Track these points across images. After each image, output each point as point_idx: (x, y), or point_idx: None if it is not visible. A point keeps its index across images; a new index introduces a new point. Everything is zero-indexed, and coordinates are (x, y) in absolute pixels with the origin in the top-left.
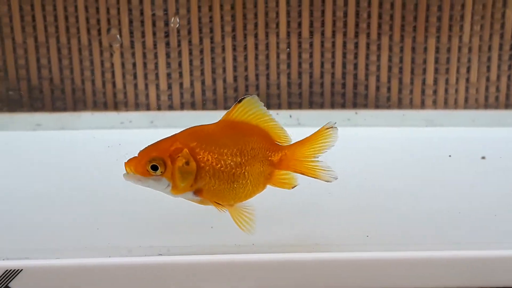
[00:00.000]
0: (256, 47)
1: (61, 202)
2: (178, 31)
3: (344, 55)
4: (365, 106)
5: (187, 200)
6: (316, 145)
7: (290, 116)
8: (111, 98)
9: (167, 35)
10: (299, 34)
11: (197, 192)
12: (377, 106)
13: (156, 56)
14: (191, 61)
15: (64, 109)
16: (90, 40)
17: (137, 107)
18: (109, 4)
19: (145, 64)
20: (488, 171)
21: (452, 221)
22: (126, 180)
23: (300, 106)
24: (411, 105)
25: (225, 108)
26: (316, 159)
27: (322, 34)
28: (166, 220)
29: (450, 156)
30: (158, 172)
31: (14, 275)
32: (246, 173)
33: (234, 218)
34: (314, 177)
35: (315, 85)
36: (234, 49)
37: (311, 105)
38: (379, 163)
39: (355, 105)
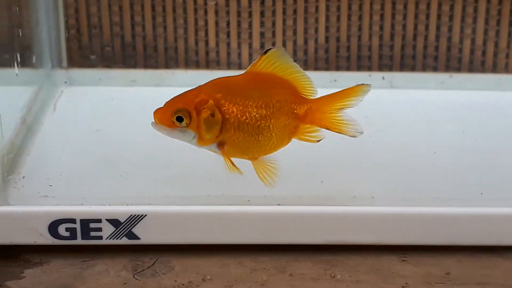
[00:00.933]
0: (349, 7)
1: (170, 155)
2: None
3: (439, 17)
4: (458, 69)
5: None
6: (343, 100)
7: (383, 78)
8: (203, 57)
9: None
10: None
11: (221, 144)
12: (471, 70)
13: (250, 15)
14: (284, 21)
15: (156, 66)
16: None
17: (229, 66)
18: None
19: (239, 23)
20: None
21: None
22: (155, 129)
23: (390, 69)
24: (507, 70)
25: (315, 69)
26: (341, 114)
27: None
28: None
29: None
30: (183, 123)
31: (138, 220)
32: (271, 126)
33: (258, 171)
34: (339, 132)
35: (407, 47)
36: (327, 9)
37: (403, 68)
38: (474, 126)
39: (447, 69)
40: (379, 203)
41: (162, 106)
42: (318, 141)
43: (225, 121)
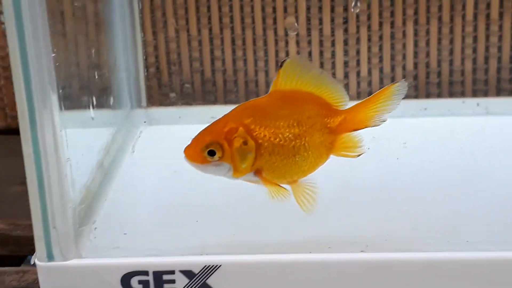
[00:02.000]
0: (439, 31)
1: (247, 198)
2: (357, 16)
3: None
4: None
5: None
6: (378, 105)
7: (478, 105)
8: None
9: (345, 21)
10: (487, 16)
11: (258, 172)
12: None
13: (333, 44)
14: (369, 48)
15: (236, 101)
16: (264, 30)
17: None
18: None
19: (321, 53)
20: None
21: None
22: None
23: (486, 94)
24: None
25: (405, 98)
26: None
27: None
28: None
29: None
30: (216, 157)
31: (213, 271)
32: (306, 144)
33: (297, 196)
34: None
35: (503, 71)
36: (415, 34)
37: (499, 93)
38: None
39: None
40: (475, 248)
41: (191, 142)
42: (359, 155)
43: (259, 147)
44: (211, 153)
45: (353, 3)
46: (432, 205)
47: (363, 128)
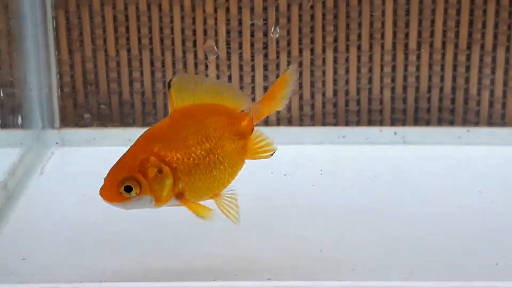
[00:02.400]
0: (359, 60)
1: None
2: (277, 42)
3: (455, 68)
4: (477, 123)
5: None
6: (279, 92)
7: (395, 134)
8: None
9: (265, 46)
10: (406, 45)
11: (179, 195)
12: (490, 124)
13: (253, 69)
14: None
15: (155, 124)
16: (184, 52)
17: None
18: (206, 14)
19: (241, 77)
20: None
21: None
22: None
23: (404, 123)
24: None
25: (323, 125)
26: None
27: (431, 45)
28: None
29: None
30: (133, 192)
31: None
32: (220, 157)
33: (221, 208)
34: None
35: (421, 100)
36: (334, 61)
37: (417, 122)
38: (494, 184)
39: (465, 122)
40: (379, 277)
41: (104, 181)
42: (272, 154)
43: (175, 171)
44: (128, 189)
45: (272, 28)
46: (342, 233)
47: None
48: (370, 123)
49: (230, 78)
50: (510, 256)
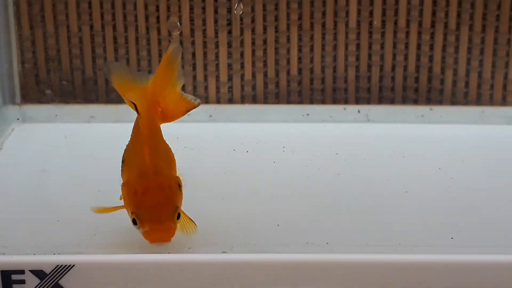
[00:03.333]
0: (323, 37)
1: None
2: (241, 19)
3: (419, 46)
4: (440, 102)
5: None
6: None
7: (359, 112)
8: None
9: (229, 23)
10: (370, 24)
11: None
12: (453, 102)
13: (217, 46)
14: (253, 52)
15: (118, 101)
16: (148, 29)
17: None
18: None
19: (205, 54)
20: None
21: None
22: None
23: (368, 101)
24: (491, 101)
25: (288, 102)
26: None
27: (395, 23)
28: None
29: None
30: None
31: (65, 271)
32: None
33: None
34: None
35: (385, 79)
36: (299, 39)
37: (381, 100)
38: (456, 162)
39: (429, 101)
40: (335, 250)
41: (153, 222)
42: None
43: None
44: (178, 216)
45: (236, 5)
46: (300, 208)
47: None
48: (334, 101)
49: (194, 55)
50: (466, 230)
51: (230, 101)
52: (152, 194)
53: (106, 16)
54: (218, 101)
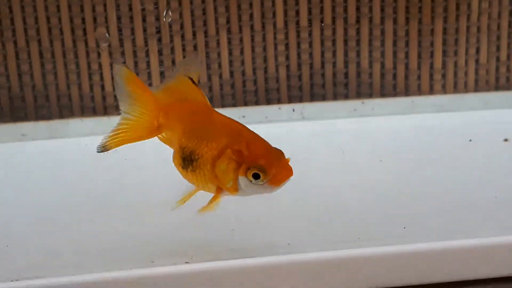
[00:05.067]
0: (253, 39)
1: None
2: (170, 26)
3: (346, 42)
4: (370, 95)
5: None
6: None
7: (293, 110)
8: (100, 103)
9: (158, 31)
10: (297, 23)
11: None
12: (383, 95)
13: (147, 54)
14: (184, 57)
15: (49, 117)
16: (74, 42)
17: None
18: (95, 1)
19: (136, 63)
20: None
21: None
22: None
23: (301, 100)
24: (420, 91)
25: (223, 106)
26: None
27: (321, 21)
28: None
29: (470, 140)
30: None
31: None
32: None
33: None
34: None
35: (316, 76)
36: (229, 42)
37: (313, 98)
38: (395, 153)
39: (359, 95)
40: (296, 250)
41: (278, 160)
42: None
43: None
44: None
45: (164, 12)
46: (246, 210)
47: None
48: (268, 101)
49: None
50: (416, 218)
51: None
52: (260, 144)
53: (30, 31)
54: None
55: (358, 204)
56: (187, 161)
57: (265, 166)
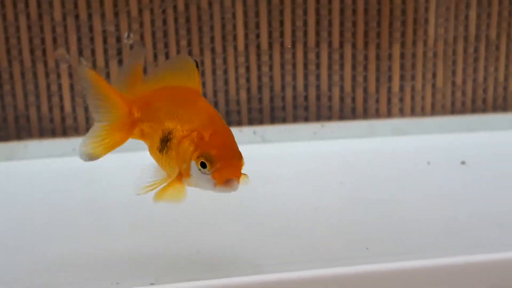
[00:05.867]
0: (213, 62)
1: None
2: (131, 47)
3: (305, 66)
4: (330, 118)
5: None
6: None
7: (254, 133)
8: (59, 124)
9: (119, 52)
10: (258, 46)
11: None
12: (342, 118)
13: (108, 76)
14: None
15: (6, 139)
16: (34, 62)
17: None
18: (55, 22)
19: None
20: (471, 176)
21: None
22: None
23: (261, 122)
24: (378, 115)
25: None
26: None
27: (281, 45)
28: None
29: (429, 163)
30: None
31: None
32: None
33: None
34: None
35: (276, 99)
36: None
37: (273, 120)
38: (354, 176)
39: (319, 118)
40: (260, 271)
41: (230, 158)
42: None
43: None
44: None
45: (126, 34)
46: (214, 232)
47: None
48: (229, 124)
49: None
50: (379, 239)
51: None
52: (224, 138)
53: None
54: None
55: (320, 226)
56: (163, 142)
57: (213, 157)
